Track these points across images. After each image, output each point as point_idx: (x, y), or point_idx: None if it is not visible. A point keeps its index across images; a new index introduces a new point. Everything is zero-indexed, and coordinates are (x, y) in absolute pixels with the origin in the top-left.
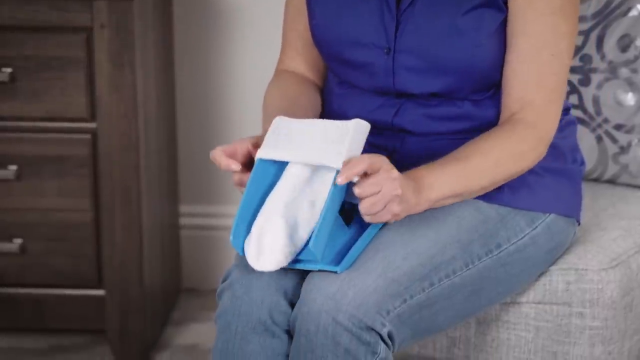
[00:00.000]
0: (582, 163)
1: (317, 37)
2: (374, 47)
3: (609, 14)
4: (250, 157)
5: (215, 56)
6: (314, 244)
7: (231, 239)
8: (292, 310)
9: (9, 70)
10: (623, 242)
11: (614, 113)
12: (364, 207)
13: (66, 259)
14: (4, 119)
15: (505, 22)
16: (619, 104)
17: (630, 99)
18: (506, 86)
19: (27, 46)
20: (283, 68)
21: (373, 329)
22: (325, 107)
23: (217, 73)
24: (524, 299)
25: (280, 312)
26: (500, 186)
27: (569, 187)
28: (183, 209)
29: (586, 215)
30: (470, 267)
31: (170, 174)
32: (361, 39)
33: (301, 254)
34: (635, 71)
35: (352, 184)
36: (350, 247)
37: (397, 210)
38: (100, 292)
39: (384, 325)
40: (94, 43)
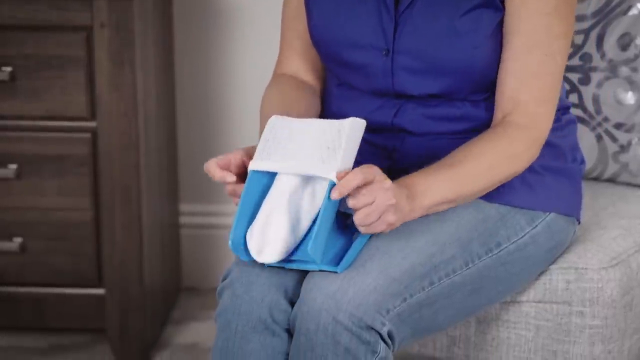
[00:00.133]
0: (582, 162)
1: (316, 38)
2: (372, 49)
3: (609, 13)
4: (245, 168)
5: (215, 55)
6: (313, 248)
7: (230, 244)
8: (292, 309)
9: (9, 69)
10: (623, 241)
11: (614, 112)
12: (358, 218)
13: (66, 258)
14: (4, 117)
15: (502, 21)
16: (619, 102)
17: (630, 97)
18: (499, 85)
19: (27, 45)
20: (281, 72)
21: (373, 328)
22: (324, 109)
23: (217, 72)
24: (524, 297)
25: (280, 310)
26: (500, 185)
27: (569, 186)
28: (183, 207)
29: (586, 214)
30: (470, 266)
31: (170, 172)
32: (359, 41)
33: (300, 254)
34: (635, 70)
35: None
36: (350, 247)
37: (392, 220)
38: (100, 291)
39: (383, 324)
40: (94, 42)
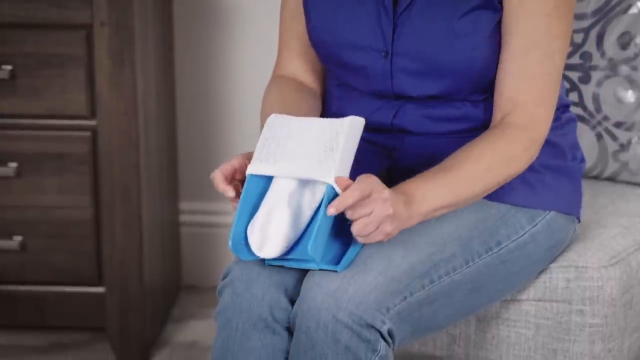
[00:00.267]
0: (582, 160)
1: (314, 39)
2: (371, 50)
3: (609, 12)
4: None
5: (215, 54)
6: (313, 249)
7: (230, 244)
8: (292, 308)
9: (9, 67)
10: (623, 239)
11: (614, 110)
12: (356, 229)
13: (66, 257)
14: (4, 116)
15: (501, 22)
16: (619, 101)
17: (630, 96)
18: (498, 86)
19: (27, 43)
20: (280, 73)
21: (373, 326)
22: (324, 109)
23: (217, 71)
24: (524, 296)
25: (280, 309)
26: None
27: (569, 184)
28: (183, 206)
29: (586, 213)
30: (470, 264)
31: (170, 171)
32: (358, 42)
33: (300, 253)
34: (635, 69)
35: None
36: (349, 246)
37: (390, 230)
38: (100, 290)
39: (384, 322)
40: (93, 40)
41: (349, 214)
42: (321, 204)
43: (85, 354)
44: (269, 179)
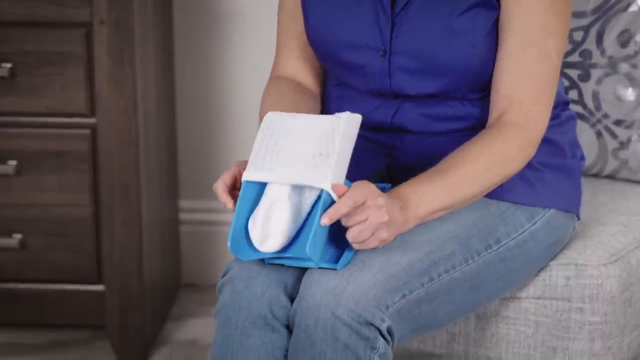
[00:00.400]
0: (582, 158)
1: (312, 38)
2: (369, 49)
3: (608, 9)
4: None
5: (215, 52)
6: (311, 249)
7: (229, 245)
8: (291, 305)
9: (8, 65)
10: (622, 237)
11: (614, 108)
12: (351, 236)
13: (66, 255)
14: (4, 114)
15: (498, 20)
16: (619, 99)
17: (630, 94)
18: (495, 84)
19: (27, 41)
20: (278, 73)
21: (372, 324)
22: (323, 109)
23: (217, 69)
24: (523, 294)
25: (280, 306)
26: None
27: (568, 182)
28: (183, 204)
29: (586, 211)
30: (469, 262)
31: (169, 169)
32: (356, 41)
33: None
34: (635, 66)
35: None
36: (348, 244)
37: (385, 236)
38: (100, 288)
39: (383, 320)
40: (93, 39)
41: (344, 221)
42: (319, 199)
43: (85, 351)
44: (264, 184)
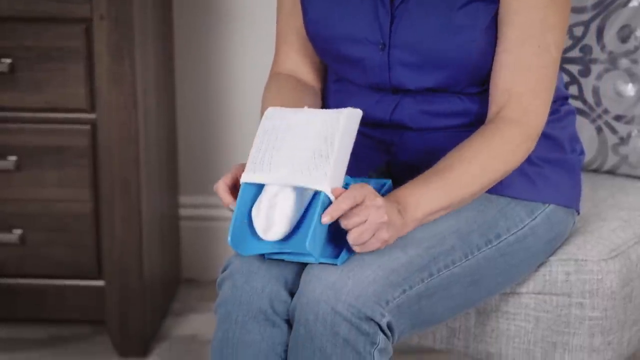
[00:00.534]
0: (582, 153)
1: (311, 33)
2: (368, 43)
3: (609, 5)
4: None
5: (215, 48)
6: (311, 245)
7: (229, 241)
8: (292, 300)
9: (8, 61)
10: (622, 232)
11: (614, 104)
12: (352, 238)
13: (66, 250)
14: (4, 109)
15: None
16: (619, 94)
17: (630, 89)
18: (494, 78)
19: (27, 37)
20: (278, 70)
21: (372, 319)
22: (323, 105)
23: (217, 65)
24: (523, 289)
25: (280, 301)
26: None
27: (568, 177)
28: (182, 200)
29: (586, 206)
30: (469, 257)
31: (169, 165)
32: (356, 35)
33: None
34: (635, 62)
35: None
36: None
37: (386, 237)
38: (100, 283)
39: (383, 315)
40: (93, 34)
41: (343, 224)
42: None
43: (85, 347)
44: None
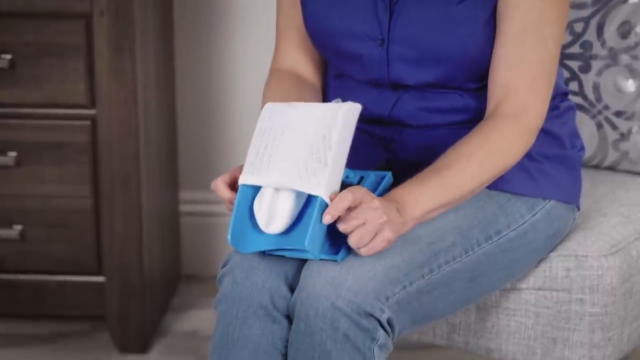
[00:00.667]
0: (582, 148)
1: (310, 28)
2: (367, 39)
3: (609, 1)
4: None
5: (215, 44)
6: (310, 244)
7: (229, 239)
8: (292, 296)
9: (8, 56)
10: (623, 228)
11: (614, 100)
12: (353, 241)
13: (66, 246)
14: (4, 105)
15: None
16: (619, 90)
17: (630, 85)
18: (492, 73)
19: (27, 33)
20: (278, 66)
21: (372, 315)
22: (323, 100)
23: (218, 61)
24: (524, 285)
25: (281, 296)
26: None
27: (568, 173)
28: (183, 195)
29: (586, 202)
30: (469, 253)
31: (170, 160)
32: (354, 30)
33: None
34: (635, 58)
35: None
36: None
37: (390, 236)
38: (100, 279)
39: (383, 311)
40: (93, 30)
41: (341, 228)
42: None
43: (85, 342)
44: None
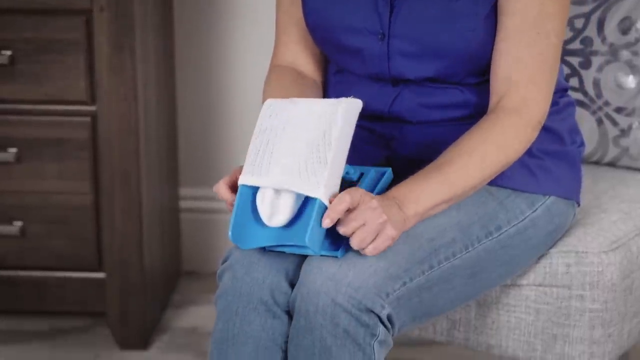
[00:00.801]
0: (582, 144)
1: (311, 23)
2: (368, 33)
3: None
4: None
5: (215, 40)
6: (310, 241)
7: (230, 235)
8: (292, 292)
9: (8, 52)
10: (623, 224)
11: (615, 96)
12: (355, 243)
13: (66, 242)
14: (4, 101)
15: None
16: (620, 86)
17: (630, 81)
18: (493, 67)
19: (27, 29)
20: (278, 62)
21: (372, 311)
22: (323, 96)
23: (218, 57)
24: (524, 281)
25: (281, 292)
26: None
27: (568, 169)
28: (183, 192)
29: (586, 198)
30: (470, 249)
31: (170, 157)
32: (355, 25)
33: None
34: (636, 54)
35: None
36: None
37: (394, 234)
38: (101, 275)
39: (383, 307)
40: (93, 26)
41: (341, 230)
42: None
43: (85, 339)
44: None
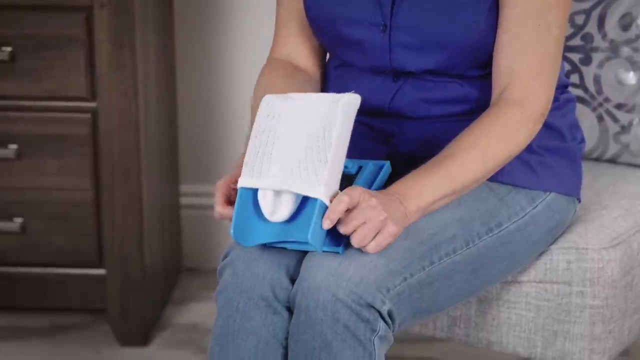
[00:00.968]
0: (582, 140)
1: (311, 15)
2: (369, 25)
3: None
4: None
5: (216, 36)
6: (312, 238)
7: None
8: (293, 287)
9: (8, 49)
10: (624, 221)
11: (615, 92)
12: (355, 241)
13: (66, 238)
14: (4, 98)
15: None
16: (620, 83)
17: (631, 78)
18: (495, 59)
19: (27, 25)
20: (275, 56)
21: (373, 306)
22: (323, 90)
23: (218, 54)
24: (524, 277)
25: (282, 288)
26: None
27: (569, 165)
28: (183, 188)
29: (587, 195)
30: (470, 245)
31: (170, 153)
32: (356, 17)
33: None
34: (636, 50)
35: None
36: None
37: (395, 230)
38: (101, 272)
39: (383, 302)
40: (93, 22)
41: (342, 230)
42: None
43: (85, 335)
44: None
